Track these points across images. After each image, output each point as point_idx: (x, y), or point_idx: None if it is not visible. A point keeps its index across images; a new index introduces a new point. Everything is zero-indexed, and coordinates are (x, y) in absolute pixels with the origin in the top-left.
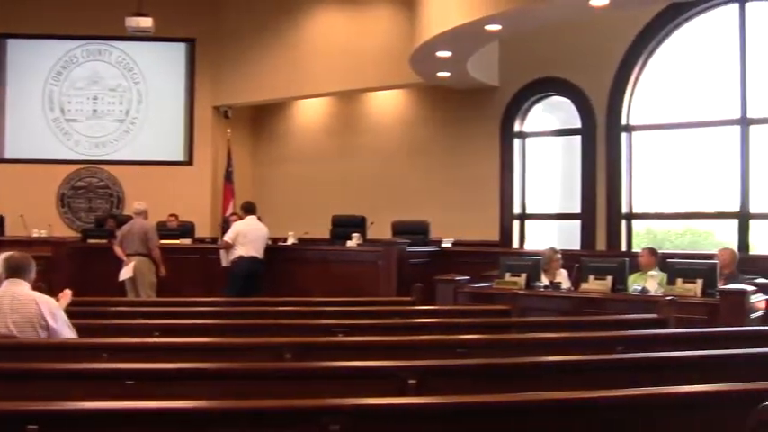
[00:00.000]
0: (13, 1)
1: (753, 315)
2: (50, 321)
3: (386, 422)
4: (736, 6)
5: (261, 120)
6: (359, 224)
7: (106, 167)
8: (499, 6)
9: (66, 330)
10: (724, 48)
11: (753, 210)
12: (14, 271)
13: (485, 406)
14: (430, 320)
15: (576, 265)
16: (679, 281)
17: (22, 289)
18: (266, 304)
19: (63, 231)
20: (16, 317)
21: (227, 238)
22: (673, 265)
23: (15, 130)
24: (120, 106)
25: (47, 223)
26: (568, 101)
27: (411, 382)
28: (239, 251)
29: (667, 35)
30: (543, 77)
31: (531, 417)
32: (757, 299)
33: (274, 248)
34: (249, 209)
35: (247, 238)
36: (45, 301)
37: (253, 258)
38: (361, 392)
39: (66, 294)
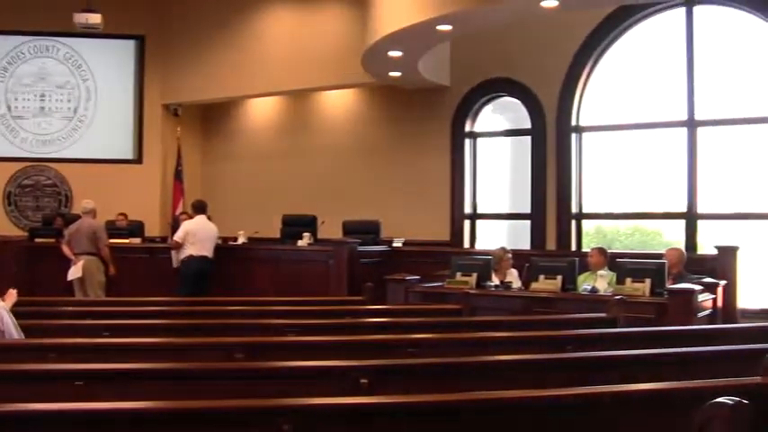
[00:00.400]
0: None
1: (700, 314)
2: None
3: (338, 422)
4: (683, 10)
5: (211, 118)
6: (309, 223)
7: (54, 165)
8: (450, 7)
9: (12, 331)
10: (672, 50)
11: (700, 210)
12: None
13: (436, 405)
14: (381, 320)
15: (527, 264)
16: (628, 280)
17: None
18: (217, 304)
19: (9, 230)
20: None
21: (177, 237)
22: (622, 265)
23: None
24: (68, 103)
25: None
26: (518, 101)
27: (363, 381)
28: (189, 251)
29: (617, 37)
30: (494, 78)
31: (481, 415)
32: (704, 298)
33: (224, 248)
34: (199, 208)
35: (197, 237)
36: None
37: (203, 258)
38: (313, 392)
39: (12, 294)
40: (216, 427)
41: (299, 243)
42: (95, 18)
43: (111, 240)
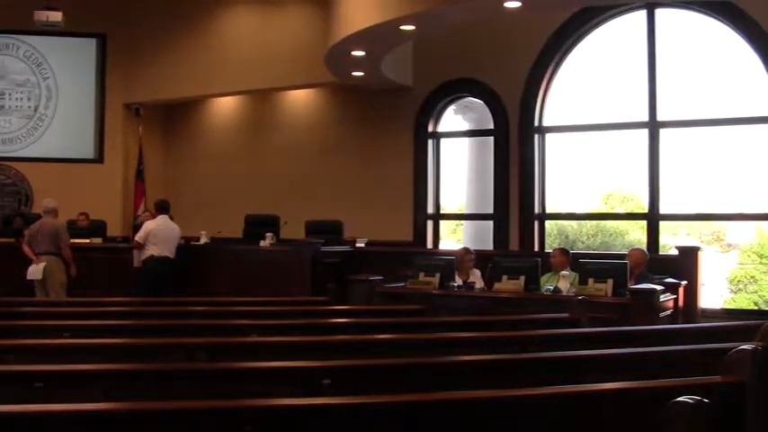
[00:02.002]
0: None
1: (662, 314)
2: None
3: (301, 422)
4: (644, 12)
5: (173, 117)
6: (272, 223)
7: (14, 164)
8: (413, 7)
9: None
10: (634, 52)
11: (662, 210)
12: None
13: (399, 405)
14: (344, 320)
15: (490, 264)
16: (590, 281)
17: None
18: (179, 304)
19: None
20: None
21: (138, 237)
22: (584, 265)
23: None
24: (28, 102)
25: None
26: (481, 102)
27: (326, 381)
28: (150, 251)
29: (579, 38)
30: (457, 78)
31: (443, 415)
32: (666, 298)
33: (186, 248)
34: (162, 208)
35: (158, 237)
36: None
37: (164, 258)
38: (275, 393)
39: None
40: (178, 428)
41: (262, 243)
42: (56, 16)
43: (73, 240)
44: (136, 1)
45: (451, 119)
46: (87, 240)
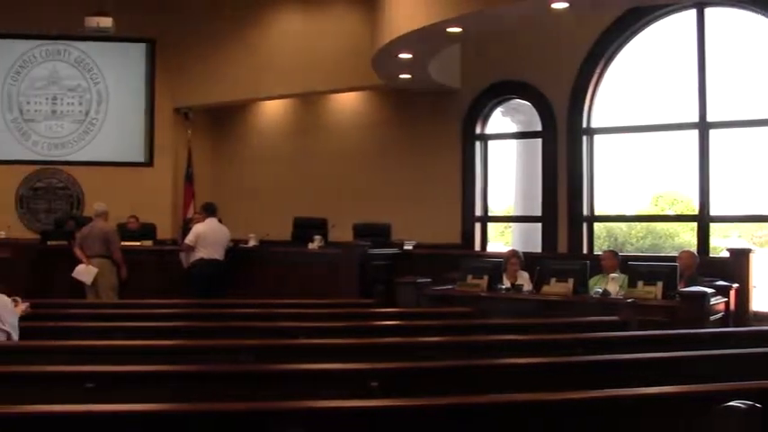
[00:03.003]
0: None
1: (712, 317)
2: (6, 325)
3: (348, 424)
4: (694, 12)
5: (222, 121)
6: (320, 226)
7: (66, 168)
8: (460, 9)
9: (15, 332)
10: (683, 52)
11: (712, 212)
12: None
13: (446, 408)
14: (392, 323)
15: (538, 267)
16: (640, 283)
17: None
18: (227, 306)
19: (22, 233)
20: None
21: (188, 240)
22: (634, 268)
23: None
24: (79, 107)
25: (5, 224)
26: (529, 104)
27: (373, 384)
28: (200, 253)
29: (627, 39)
30: (504, 80)
31: (491, 418)
32: (716, 301)
33: (235, 250)
34: (210, 210)
35: (208, 240)
36: (3, 303)
37: (213, 261)
38: (323, 395)
39: (24, 306)
40: (226, 430)
41: (310, 246)
42: (106, 21)
43: (123, 243)
44: (184, 6)
45: (499, 121)
46: (137, 243)
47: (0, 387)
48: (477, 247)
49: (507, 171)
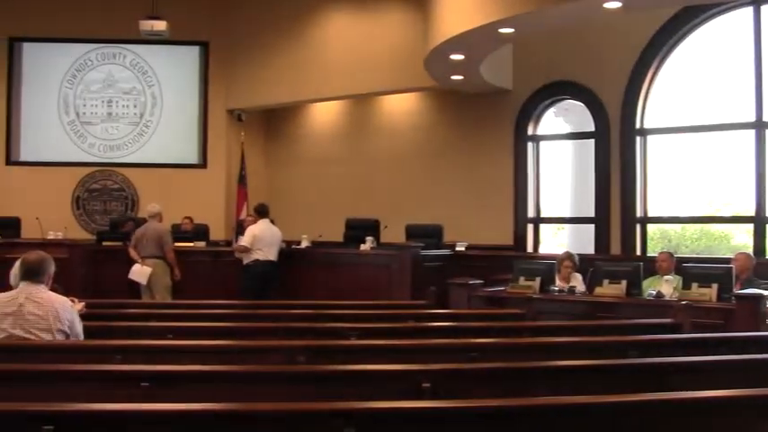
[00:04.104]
0: (29, 5)
1: None
2: (64, 325)
3: (399, 425)
4: (750, 9)
5: (274, 122)
6: (372, 227)
7: (121, 170)
8: (512, 9)
9: (75, 332)
10: (739, 50)
11: None
12: (29, 274)
13: (498, 410)
14: (444, 324)
15: (591, 269)
16: (694, 285)
17: (37, 290)
18: (280, 307)
19: (78, 233)
20: (32, 318)
21: (245, 242)
22: (688, 270)
23: (31, 132)
24: (134, 109)
25: (62, 225)
26: (582, 104)
27: (425, 385)
28: (256, 255)
29: (682, 38)
30: (557, 81)
31: (543, 421)
32: None
33: (288, 252)
34: (262, 212)
35: (263, 241)
36: (61, 302)
37: (269, 262)
38: (374, 396)
39: (80, 306)
40: (277, 429)
41: (362, 247)
42: (160, 25)
43: (177, 244)
44: (237, 9)
45: (552, 121)
46: (191, 244)
47: (56, 385)
48: (530, 248)
49: (560, 172)
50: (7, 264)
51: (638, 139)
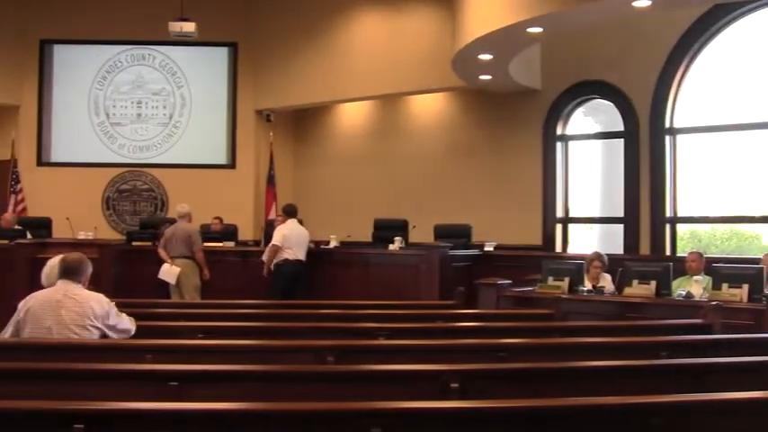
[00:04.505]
0: (59, 7)
1: None
2: (103, 322)
3: (428, 425)
4: None
5: (303, 123)
6: (401, 228)
7: (150, 171)
8: (541, 9)
9: (124, 325)
10: None
11: None
12: (67, 272)
13: (527, 410)
14: (472, 324)
15: (620, 269)
16: (724, 286)
17: (75, 288)
18: (309, 307)
19: (108, 234)
20: (69, 315)
21: (276, 241)
22: (718, 270)
23: (62, 134)
24: (163, 110)
25: (92, 225)
26: (611, 104)
27: (453, 385)
28: (285, 254)
29: (712, 36)
30: (585, 80)
31: (572, 422)
32: None
33: (316, 252)
34: (290, 212)
35: (291, 241)
36: (97, 299)
37: (297, 261)
38: (403, 396)
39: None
40: (305, 428)
41: (391, 247)
42: (189, 26)
43: (206, 244)
44: (266, 10)
45: (581, 121)
46: (220, 244)
47: (87, 384)
48: (559, 248)
49: (589, 172)
50: (39, 263)
51: (667, 138)
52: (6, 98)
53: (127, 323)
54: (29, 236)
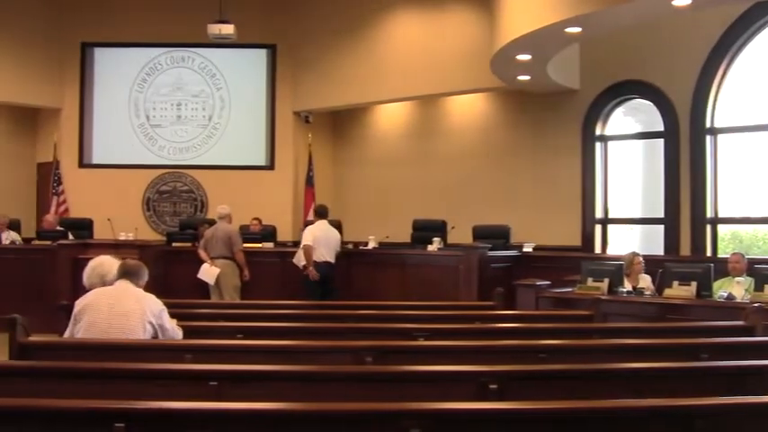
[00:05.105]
0: (99, 11)
1: None
2: (157, 320)
3: (467, 427)
4: None
5: (341, 124)
6: (439, 228)
7: (190, 172)
8: (579, 9)
9: (173, 331)
10: None
11: None
12: (128, 273)
13: (566, 412)
14: (511, 325)
15: (660, 270)
16: (767, 287)
17: (132, 289)
18: (348, 308)
19: (148, 235)
20: (122, 309)
21: (307, 241)
22: (760, 272)
23: (103, 136)
24: (203, 112)
25: (133, 227)
26: (650, 103)
27: (492, 386)
28: (314, 255)
29: (753, 34)
30: (625, 80)
31: (613, 424)
32: None
33: (355, 252)
34: (321, 213)
35: (320, 242)
36: (153, 300)
37: (326, 263)
38: (441, 397)
39: None
40: (345, 429)
41: (429, 248)
42: (228, 29)
43: (245, 245)
44: (304, 12)
45: (620, 121)
46: (259, 245)
47: (127, 383)
48: (598, 249)
49: (629, 172)
50: (81, 263)
51: (708, 138)
52: (49, 101)
53: (175, 330)
54: (71, 237)
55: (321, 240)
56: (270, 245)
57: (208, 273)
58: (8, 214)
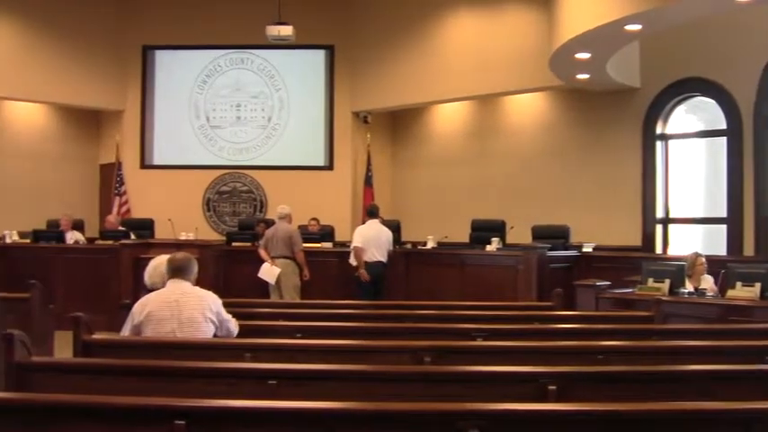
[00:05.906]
0: (159, 14)
1: None
2: (216, 316)
3: (525, 427)
4: None
5: (400, 124)
6: (498, 228)
7: (249, 172)
8: (639, 6)
9: (232, 323)
10: None
11: None
12: (177, 271)
13: (624, 414)
14: (570, 326)
15: (723, 270)
16: None
17: (187, 286)
18: (406, 308)
19: (209, 234)
20: (190, 313)
21: (357, 242)
22: None
23: (164, 137)
24: (262, 113)
25: (193, 226)
26: (713, 101)
27: (551, 387)
28: (365, 255)
29: None
30: (686, 78)
31: (673, 427)
32: None
33: (413, 252)
34: (371, 212)
35: (370, 242)
36: (211, 296)
37: (377, 262)
38: (500, 397)
39: None
40: (404, 429)
41: (488, 248)
42: (287, 30)
43: (304, 245)
44: (362, 12)
45: (682, 119)
46: (318, 245)
47: (189, 381)
48: (659, 249)
49: (691, 171)
50: (142, 263)
51: None
52: (111, 103)
53: (233, 324)
54: (132, 237)
55: (371, 240)
56: (328, 245)
57: (268, 272)
58: (72, 215)
